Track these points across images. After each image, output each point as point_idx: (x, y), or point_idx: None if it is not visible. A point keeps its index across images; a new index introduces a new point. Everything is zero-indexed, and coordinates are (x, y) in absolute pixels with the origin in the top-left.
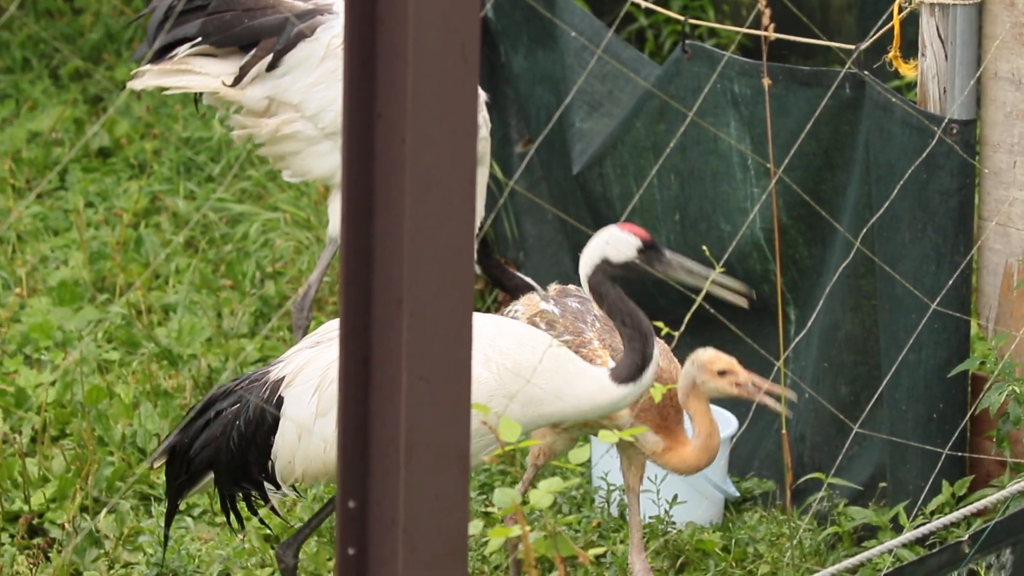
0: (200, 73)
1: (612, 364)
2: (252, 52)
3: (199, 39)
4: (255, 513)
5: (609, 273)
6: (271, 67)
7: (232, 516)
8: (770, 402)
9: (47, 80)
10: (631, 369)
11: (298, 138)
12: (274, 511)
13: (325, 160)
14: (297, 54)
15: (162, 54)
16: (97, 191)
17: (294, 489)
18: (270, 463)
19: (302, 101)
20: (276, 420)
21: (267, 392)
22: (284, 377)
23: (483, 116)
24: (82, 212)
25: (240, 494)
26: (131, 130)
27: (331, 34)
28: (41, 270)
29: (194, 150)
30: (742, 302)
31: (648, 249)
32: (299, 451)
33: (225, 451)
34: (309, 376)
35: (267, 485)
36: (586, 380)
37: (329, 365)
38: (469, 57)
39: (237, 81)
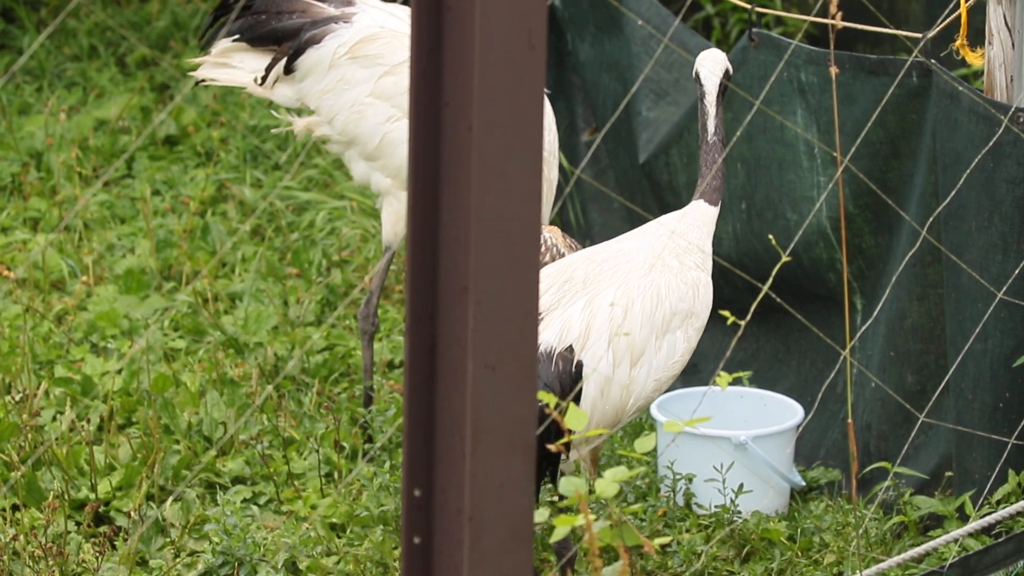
0: (237, 68)
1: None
2: (274, 54)
3: (237, 36)
4: None
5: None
6: (288, 71)
7: None
8: None
9: (114, 68)
10: (719, 191)
11: (331, 142)
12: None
13: (357, 167)
14: (307, 60)
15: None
16: (164, 179)
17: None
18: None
19: (318, 106)
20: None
21: (561, 364)
22: (570, 345)
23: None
24: (149, 200)
25: None
26: (198, 118)
27: (337, 43)
28: (108, 258)
29: (260, 138)
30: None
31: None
32: (599, 405)
33: None
34: (598, 335)
35: None
36: (697, 215)
37: (608, 319)
38: (536, 45)
39: (263, 80)
